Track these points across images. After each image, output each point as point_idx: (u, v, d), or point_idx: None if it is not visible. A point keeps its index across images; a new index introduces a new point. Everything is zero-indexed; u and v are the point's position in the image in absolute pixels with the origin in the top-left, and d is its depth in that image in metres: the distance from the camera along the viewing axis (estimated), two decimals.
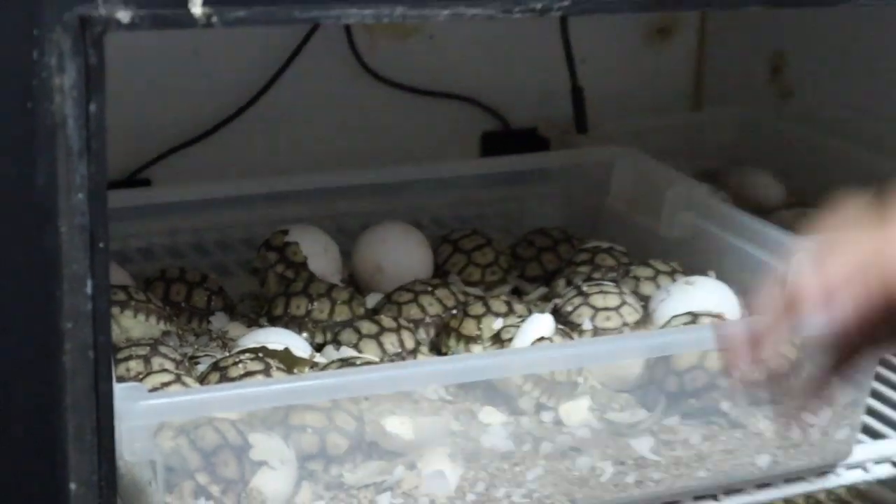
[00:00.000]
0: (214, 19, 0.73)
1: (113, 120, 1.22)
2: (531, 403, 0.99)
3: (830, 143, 1.42)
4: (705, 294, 1.12)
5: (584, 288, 1.10)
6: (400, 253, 1.18)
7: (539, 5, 0.84)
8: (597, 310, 1.07)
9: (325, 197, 1.22)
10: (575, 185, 1.32)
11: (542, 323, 1.04)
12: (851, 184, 1.33)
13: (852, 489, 1.45)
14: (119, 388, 0.83)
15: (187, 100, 1.31)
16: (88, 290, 0.72)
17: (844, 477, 1.11)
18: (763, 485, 1.08)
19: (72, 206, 0.71)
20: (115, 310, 1.05)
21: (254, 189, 1.21)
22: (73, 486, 0.75)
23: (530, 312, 1.09)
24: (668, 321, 1.13)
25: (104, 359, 0.75)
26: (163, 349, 0.99)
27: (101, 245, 0.73)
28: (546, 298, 1.15)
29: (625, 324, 1.09)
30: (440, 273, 1.19)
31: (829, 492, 1.47)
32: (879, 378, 1.24)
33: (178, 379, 0.95)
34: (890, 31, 1.40)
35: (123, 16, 0.69)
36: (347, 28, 1.34)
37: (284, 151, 1.33)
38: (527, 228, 1.26)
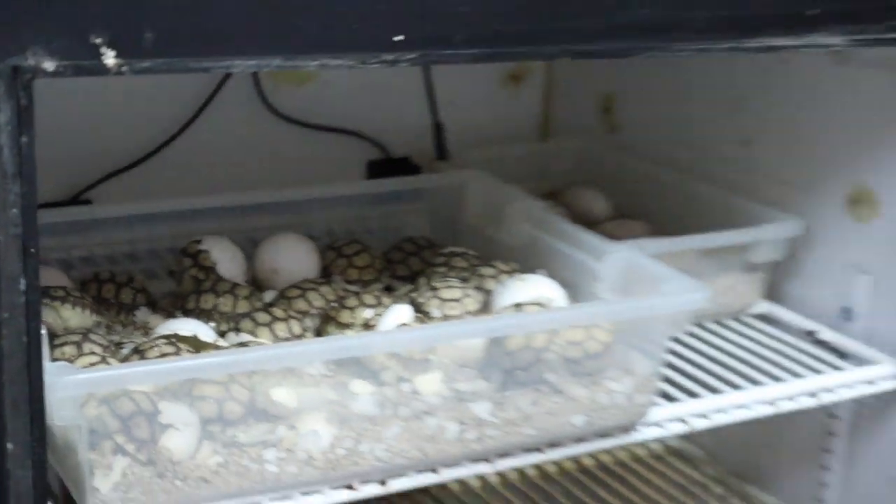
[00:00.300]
0: (125, 69, 0.74)
1: (60, 151, 1.30)
2: (392, 376, 1.00)
3: (649, 169, 1.45)
4: (534, 288, 1.12)
5: (436, 284, 1.12)
6: (291, 258, 1.19)
7: (390, 57, 0.85)
8: (444, 301, 1.09)
9: (233, 213, 1.24)
10: (438, 202, 1.34)
11: (401, 312, 1.06)
12: (666, 201, 1.42)
13: (669, 447, 1.50)
14: (51, 367, 0.84)
15: (123, 133, 1.32)
16: (22, 287, 0.74)
17: (644, 433, 1.12)
18: (579, 440, 1.08)
19: (7, 220, 0.72)
20: (56, 304, 1.07)
21: (175, 207, 1.23)
22: (10, 445, 0.76)
23: (382, 304, 1.10)
24: (502, 309, 1.11)
25: (35, 342, 0.76)
26: (93, 336, 0.99)
27: (32, 251, 0.74)
28: (411, 294, 1.15)
29: (467, 312, 1.09)
30: (325, 274, 1.20)
31: (650, 449, 1.51)
32: (671, 352, 1.24)
33: (103, 360, 0.96)
34: (697, 75, 1.43)
35: (49, 65, 0.71)
36: (255, 75, 1.36)
37: (203, 176, 1.34)
38: (400, 238, 1.28)
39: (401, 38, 0.85)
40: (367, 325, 1.08)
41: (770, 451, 1.41)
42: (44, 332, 0.84)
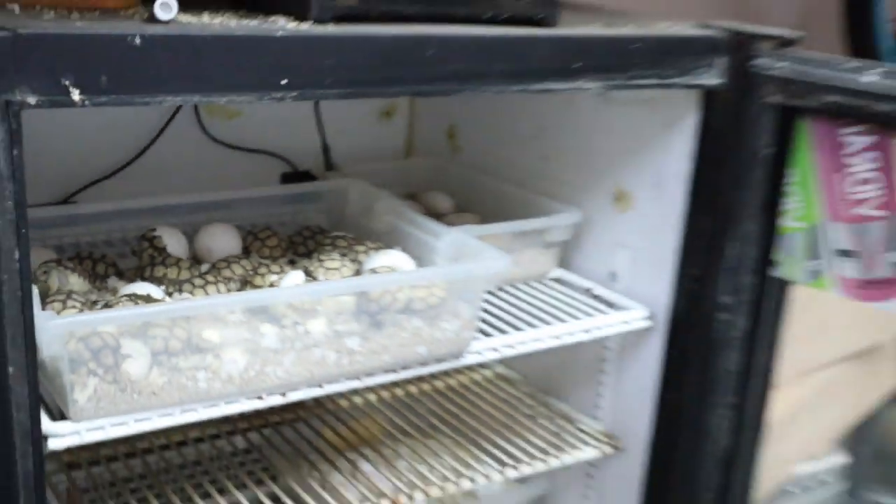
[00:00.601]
0: (87, 103, 0.75)
1: (55, 166, 1.32)
2: (290, 321, 1.01)
3: (479, 178, 1.47)
4: (392, 259, 1.14)
5: (322, 257, 1.13)
6: (221, 240, 1.20)
7: (278, 95, 0.85)
8: (328, 269, 1.10)
9: (179, 209, 1.25)
10: (329, 201, 1.35)
11: (296, 276, 1.09)
12: (490, 200, 1.42)
13: (496, 373, 1.52)
14: (41, 314, 0.85)
15: (101, 153, 1.32)
16: (16, 257, 0.75)
17: (468, 359, 1.13)
18: (423, 363, 1.09)
19: (4, 209, 0.74)
20: (67, 271, 1.07)
21: (138, 205, 1.23)
22: (11, 369, 0.78)
23: (285, 272, 1.11)
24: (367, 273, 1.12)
25: (27, 296, 0.77)
26: (74, 295, 1.00)
27: (23, 231, 0.76)
28: (305, 265, 1.15)
29: (343, 276, 1.11)
30: (245, 252, 1.21)
31: (483, 375, 1.51)
32: (490, 303, 1.27)
33: (81, 311, 0.97)
34: (512, 109, 1.44)
35: (31, 100, 0.73)
36: (196, 111, 1.36)
37: (159, 183, 1.33)
38: (300, 226, 1.29)
39: (285, 81, 0.85)
40: (272, 286, 1.08)
41: (563, 372, 1.42)
42: (35, 290, 0.84)
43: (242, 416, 1.37)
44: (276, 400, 1.02)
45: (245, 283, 1.11)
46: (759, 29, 1.12)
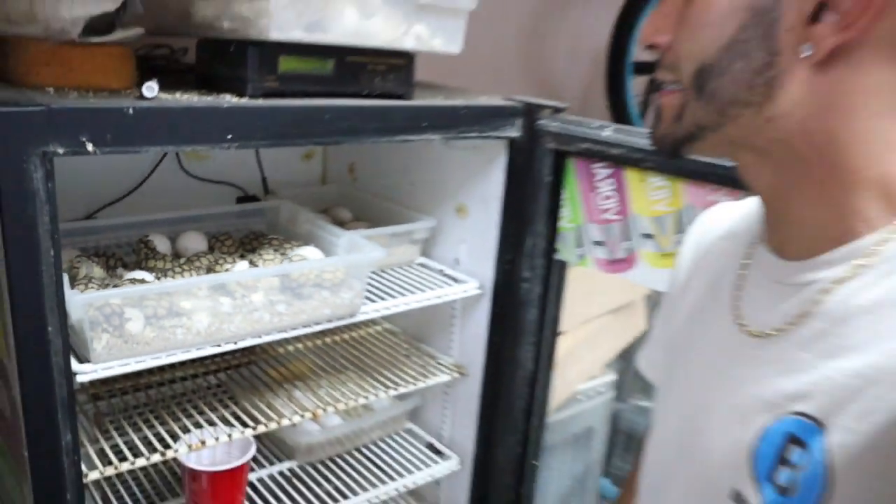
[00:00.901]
0: (97, 152, 0.78)
1: (82, 194, 1.28)
2: (239, 294, 1.03)
3: (369, 198, 1.46)
4: (308, 252, 1.16)
5: (261, 252, 1.14)
6: (194, 242, 1.21)
7: (226, 145, 0.88)
8: (265, 260, 1.12)
9: (166, 222, 1.25)
10: (269, 215, 1.35)
11: (243, 265, 1.11)
12: (377, 213, 1.42)
13: (384, 328, 1.52)
14: (70, 292, 0.87)
15: (114, 184, 1.31)
16: (52, 254, 0.78)
17: (360, 317, 1.14)
18: (329, 321, 1.11)
19: (43, 222, 0.76)
20: (92, 263, 1.09)
21: (138, 219, 1.23)
22: (50, 328, 0.80)
23: (236, 262, 1.13)
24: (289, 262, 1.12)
25: (59, 280, 0.79)
26: (94, 280, 1.02)
27: (56, 237, 0.78)
28: (250, 258, 1.15)
29: (275, 265, 1.11)
30: (210, 249, 1.22)
31: (375, 330, 1.52)
32: (377, 280, 1.26)
33: (97, 290, 0.97)
34: (391, 151, 1.44)
35: (60, 150, 0.76)
36: (177, 154, 1.35)
37: (153, 205, 1.30)
38: (249, 232, 1.29)
39: (230, 136, 0.89)
40: (227, 271, 1.10)
41: (428, 325, 1.45)
42: (66, 276, 0.85)
43: (212, 361, 1.38)
44: (229, 347, 1.03)
45: (209, 270, 1.13)
46: (541, 101, 1.17)
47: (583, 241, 1.15)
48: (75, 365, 0.88)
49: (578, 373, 1.57)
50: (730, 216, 0.72)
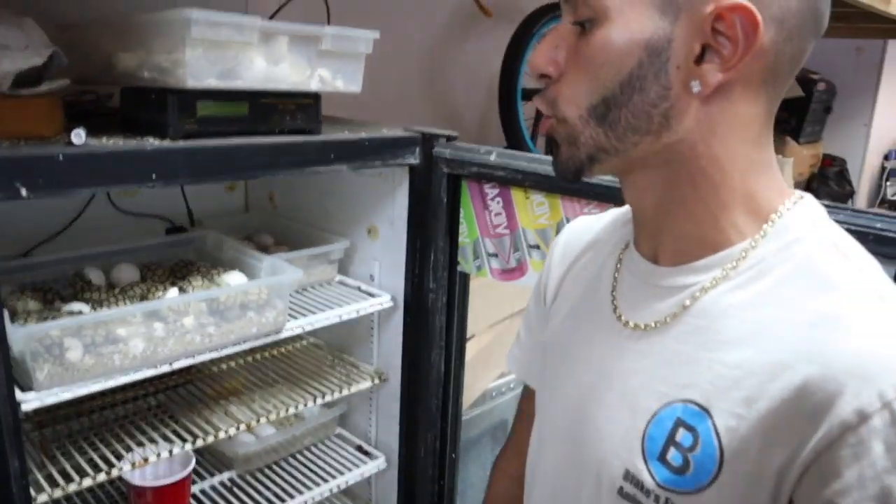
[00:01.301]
0: (31, 196, 0.80)
1: (19, 232, 1.25)
2: (171, 318, 1.05)
3: (289, 223, 1.48)
4: (234, 277, 1.17)
5: (190, 279, 1.16)
6: (126, 273, 1.21)
7: (151, 184, 0.91)
8: (194, 286, 1.14)
9: (99, 255, 1.24)
10: (195, 244, 1.35)
11: (173, 292, 1.12)
12: (296, 237, 1.41)
13: (310, 343, 1.54)
14: (10, 326, 0.87)
15: (48, 222, 1.29)
16: None
17: (284, 334, 1.17)
18: (256, 338, 1.13)
19: None
20: (26, 298, 1.08)
21: (73, 255, 1.22)
22: None
23: (167, 290, 1.13)
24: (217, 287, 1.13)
25: (1, 317, 0.80)
26: (32, 314, 1.03)
27: None
28: (180, 284, 1.16)
29: (203, 290, 1.12)
30: (143, 279, 1.21)
31: (302, 345, 1.53)
32: (298, 299, 1.26)
33: (36, 323, 0.97)
34: (305, 182, 1.46)
35: None
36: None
37: (86, 239, 1.28)
38: (178, 260, 1.28)
39: (154, 175, 0.92)
40: (159, 299, 1.10)
41: (349, 336, 1.46)
42: (5, 311, 0.85)
43: (151, 383, 1.37)
44: (165, 368, 1.04)
45: (143, 298, 1.14)
46: (436, 131, 1.23)
47: (480, 254, 1.21)
48: (19, 394, 0.89)
49: (489, 371, 1.62)
50: (591, 228, 0.76)
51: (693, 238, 0.58)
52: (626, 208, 0.71)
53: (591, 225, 0.77)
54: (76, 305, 1.10)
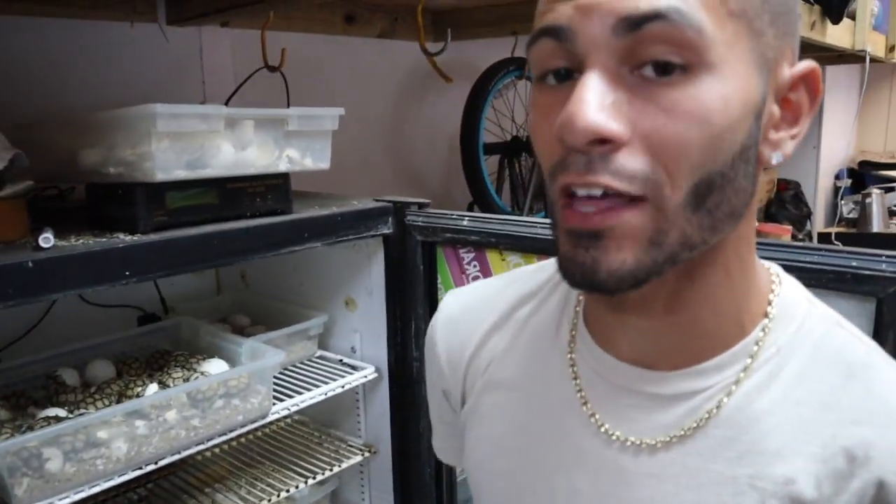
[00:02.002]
0: (1, 306, 0.78)
1: None
2: (154, 415, 1.02)
3: (267, 301, 1.46)
4: (213, 365, 1.15)
5: (168, 371, 1.14)
6: (101, 370, 1.17)
7: (124, 281, 0.90)
8: (174, 378, 1.11)
9: (71, 354, 1.20)
10: (170, 333, 1.32)
11: (153, 388, 1.10)
12: (275, 314, 1.41)
13: (296, 419, 1.50)
14: None
15: (15, 322, 1.26)
16: None
17: (271, 418, 1.14)
18: (242, 426, 1.11)
19: None
20: None
21: (44, 355, 1.18)
22: None
23: (146, 385, 1.11)
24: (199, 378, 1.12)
25: None
26: (5, 424, 0.99)
27: None
28: (159, 377, 1.14)
29: (185, 380, 1.10)
30: (119, 374, 1.18)
31: (287, 423, 1.50)
32: (284, 376, 1.24)
33: (12, 435, 0.95)
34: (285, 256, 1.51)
35: None
36: None
37: (57, 338, 1.26)
38: (155, 351, 1.25)
39: (127, 272, 0.91)
40: (138, 396, 1.09)
41: (336, 411, 1.43)
42: None
43: (136, 479, 1.32)
44: (150, 468, 1.02)
45: (121, 396, 1.11)
46: (407, 199, 1.24)
47: None
48: None
49: None
50: (487, 304, 0.63)
51: (709, 335, 0.48)
52: (535, 281, 0.61)
53: (482, 300, 0.64)
54: (52, 411, 1.07)
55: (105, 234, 0.98)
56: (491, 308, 0.62)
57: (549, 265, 0.62)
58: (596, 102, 0.40)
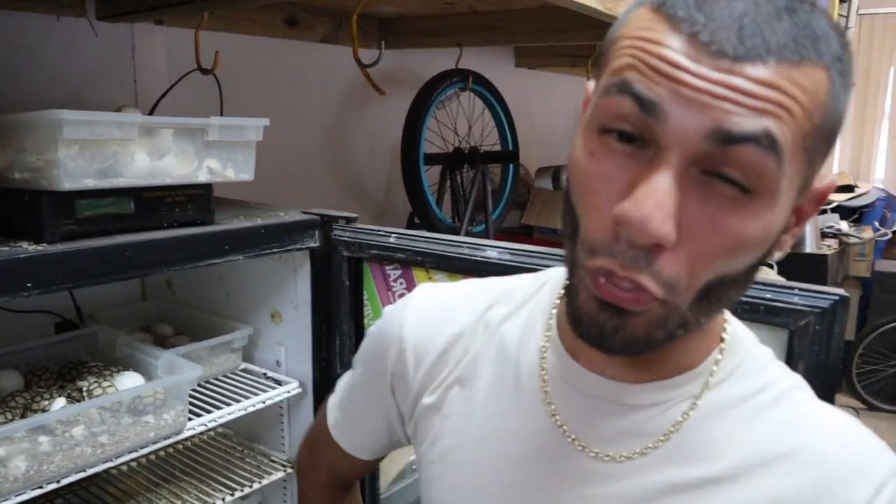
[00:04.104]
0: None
1: None
2: (60, 430, 0.98)
3: (191, 311, 1.42)
4: (127, 378, 1.10)
5: (80, 383, 1.09)
6: (7, 380, 1.12)
7: (27, 293, 0.86)
8: (85, 390, 1.07)
9: None
10: (87, 341, 1.28)
11: (60, 402, 1.04)
12: (200, 325, 1.38)
13: (218, 433, 1.46)
14: None
15: None
16: None
17: (186, 434, 1.11)
18: (155, 441, 1.07)
19: None
20: None
21: None
22: None
23: (55, 398, 1.06)
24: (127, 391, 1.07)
25: None
26: None
27: None
28: (69, 390, 1.10)
29: (92, 395, 1.05)
30: (27, 385, 1.13)
31: (210, 435, 1.45)
32: (203, 392, 1.19)
33: None
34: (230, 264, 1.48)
35: None
36: None
37: None
38: (68, 360, 1.20)
39: (30, 284, 0.86)
40: (44, 410, 1.04)
41: (259, 425, 1.40)
42: None
43: (43, 495, 1.26)
44: (52, 486, 0.98)
45: (26, 409, 1.06)
46: (335, 213, 1.21)
47: None
48: None
49: (407, 446, 1.56)
50: (454, 312, 0.65)
51: (670, 362, 0.54)
52: (513, 289, 0.65)
53: (460, 297, 0.67)
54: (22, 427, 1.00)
55: (9, 242, 0.93)
56: (468, 307, 0.65)
57: (526, 278, 0.67)
58: (667, 210, 0.42)
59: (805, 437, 0.52)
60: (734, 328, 0.57)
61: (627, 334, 0.47)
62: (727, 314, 0.58)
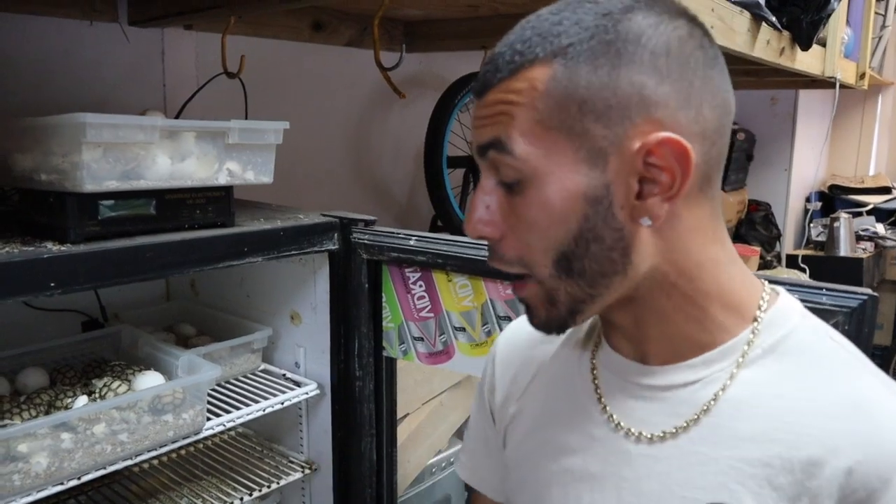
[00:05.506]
0: None
1: None
2: (82, 428, 0.99)
3: (211, 312, 1.44)
4: (149, 377, 1.12)
5: (104, 381, 1.11)
6: (33, 378, 1.14)
7: (49, 293, 0.87)
8: (107, 389, 1.08)
9: (7, 360, 1.18)
10: (112, 340, 1.30)
11: (83, 399, 1.07)
12: (219, 325, 1.38)
13: (239, 432, 1.48)
14: None
15: None
16: None
17: (205, 433, 1.12)
18: (174, 441, 1.08)
19: None
20: None
21: None
22: None
23: (77, 396, 1.09)
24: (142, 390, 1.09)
25: None
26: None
27: None
28: (92, 388, 1.12)
29: (116, 393, 1.07)
30: (52, 383, 1.16)
31: (230, 435, 1.47)
32: (222, 390, 1.21)
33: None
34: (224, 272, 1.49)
35: None
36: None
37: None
38: (92, 359, 1.23)
39: (53, 284, 0.88)
40: (67, 407, 1.06)
41: (278, 426, 1.41)
42: None
43: (66, 491, 1.28)
44: (73, 483, 0.99)
45: (50, 406, 1.08)
46: (354, 216, 1.22)
47: (405, 338, 1.19)
48: None
49: (427, 448, 1.58)
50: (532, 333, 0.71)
51: (680, 339, 0.59)
52: None
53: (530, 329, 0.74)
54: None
55: (35, 242, 0.95)
56: (534, 336, 0.72)
57: None
58: (478, 213, 0.58)
59: (858, 421, 0.52)
60: (779, 306, 0.59)
61: (534, 318, 0.60)
62: (781, 292, 0.60)
